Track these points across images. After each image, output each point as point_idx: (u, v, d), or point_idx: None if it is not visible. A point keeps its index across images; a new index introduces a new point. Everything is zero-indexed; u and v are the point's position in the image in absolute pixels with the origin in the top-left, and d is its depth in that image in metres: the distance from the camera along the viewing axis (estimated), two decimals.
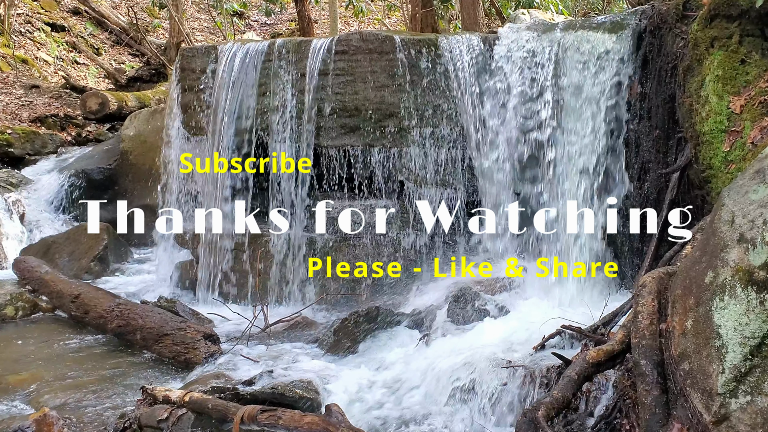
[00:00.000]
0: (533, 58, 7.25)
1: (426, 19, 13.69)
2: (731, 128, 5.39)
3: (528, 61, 7.28)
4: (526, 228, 7.33)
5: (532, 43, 7.33)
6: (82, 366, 6.61)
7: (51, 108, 15.08)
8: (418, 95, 7.76)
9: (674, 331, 3.76)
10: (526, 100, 7.25)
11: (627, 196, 6.80)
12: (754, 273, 3.27)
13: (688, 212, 5.92)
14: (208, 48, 8.76)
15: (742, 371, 3.29)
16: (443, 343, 5.99)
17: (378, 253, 7.92)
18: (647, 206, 6.66)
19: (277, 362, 6.18)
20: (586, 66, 6.88)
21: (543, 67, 7.16)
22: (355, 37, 8.06)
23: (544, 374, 4.83)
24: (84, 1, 19.59)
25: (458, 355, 5.49)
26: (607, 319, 5.14)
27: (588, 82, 6.85)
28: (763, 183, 3.47)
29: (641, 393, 3.76)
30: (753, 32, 5.61)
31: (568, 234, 6.80)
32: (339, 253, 8.01)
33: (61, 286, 8.08)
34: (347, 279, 7.96)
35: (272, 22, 22.80)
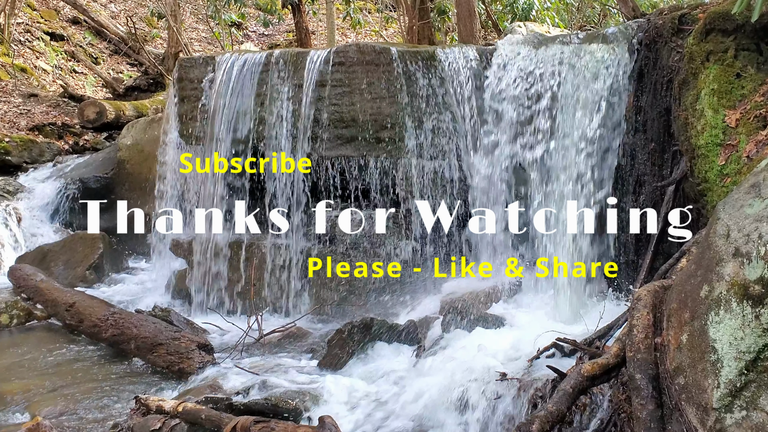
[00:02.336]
0: (529, 71, 7.26)
1: (423, 31, 13.73)
2: (726, 142, 5.40)
3: (524, 74, 7.29)
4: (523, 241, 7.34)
5: (528, 56, 7.34)
6: (76, 375, 6.60)
7: (49, 116, 15.07)
8: (414, 107, 7.77)
9: (669, 345, 3.75)
10: (522, 113, 7.25)
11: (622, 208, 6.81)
12: (749, 287, 3.26)
13: (687, 212, 5.92)
14: (206, 58, 8.78)
15: (738, 386, 3.28)
16: (437, 356, 5.97)
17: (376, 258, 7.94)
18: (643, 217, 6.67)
19: (271, 373, 6.17)
20: (582, 79, 6.89)
21: (539, 80, 7.17)
22: (352, 48, 8.08)
23: (538, 387, 4.81)
24: (83, 11, 19.60)
25: (452, 368, 5.47)
26: (602, 332, 5.12)
27: (584, 95, 6.85)
28: (758, 197, 3.47)
29: (636, 407, 3.75)
30: (748, 46, 5.63)
31: (567, 234, 6.82)
32: (335, 263, 8.02)
33: (56, 294, 8.07)
34: (342, 289, 7.95)
35: (270, 32, 22.82)
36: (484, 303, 6.83)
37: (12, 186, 11.88)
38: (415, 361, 6.10)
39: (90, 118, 14.87)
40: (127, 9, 22.20)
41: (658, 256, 6.19)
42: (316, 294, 8.08)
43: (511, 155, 7.30)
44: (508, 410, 4.88)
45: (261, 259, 8.28)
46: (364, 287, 7.90)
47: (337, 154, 8.06)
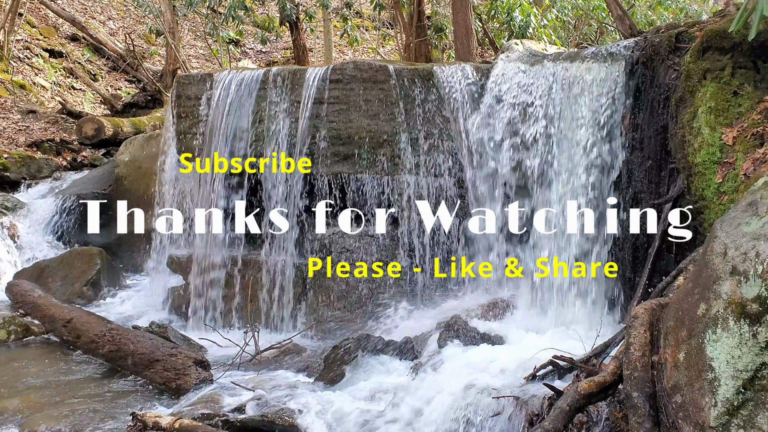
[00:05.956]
0: (526, 88, 7.29)
1: (420, 48, 13.79)
2: (724, 160, 5.41)
3: (521, 92, 7.31)
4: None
5: (525, 74, 7.37)
6: (73, 390, 6.58)
7: (47, 133, 15.08)
8: (411, 124, 7.78)
9: (666, 363, 3.75)
10: (518, 130, 7.28)
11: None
12: (746, 305, 3.26)
13: (688, 212, 5.92)
14: (204, 75, 8.81)
15: (735, 405, 3.27)
16: (433, 373, 5.96)
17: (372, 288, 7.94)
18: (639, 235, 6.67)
19: (267, 389, 6.16)
20: (578, 96, 6.92)
21: (536, 97, 7.19)
22: (349, 66, 8.10)
23: (535, 405, 4.80)
24: (82, 28, 19.66)
25: (448, 385, 5.46)
26: (599, 350, 5.12)
27: (580, 112, 6.88)
28: (755, 215, 3.47)
29: (633, 425, 3.74)
30: (745, 64, 5.65)
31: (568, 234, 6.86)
32: (333, 283, 8.03)
33: (54, 310, 8.06)
34: (338, 305, 7.95)
35: (268, 50, 22.88)
36: (480, 319, 6.82)
37: (10, 202, 11.89)
38: (412, 377, 6.09)
39: (88, 134, 14.89)
40: (126, 26, 22.26)
41: (656, 274, 6.20)
42: (313, 310, 8.08)
43: (509, 171, 7.33)
44: (504, 428, 4.87)
45: (257, 275, 8.27)
46: (361, 303, 7.90)
47: (334, 171, 8.07)
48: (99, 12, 22.30)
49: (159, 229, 9.19)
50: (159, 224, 9.18)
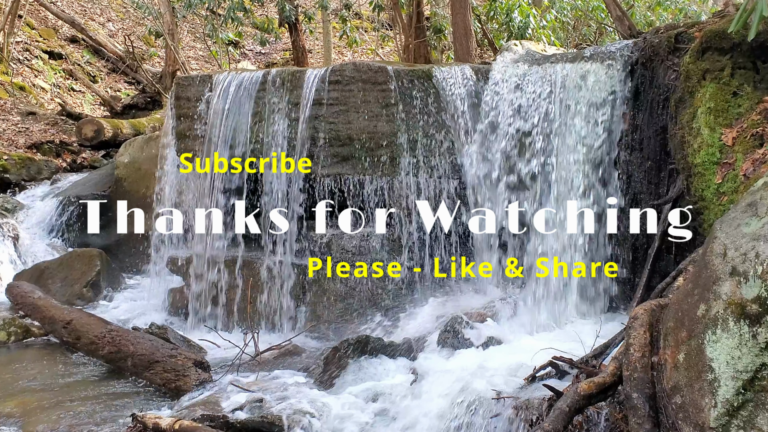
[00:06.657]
0: (525, 89, 7.29)
1: (419, 49, 13.79)
2: (723, 160, 5.41)
3: (520, 93, 7.31)
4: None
5: (524, 75, 7.37)
6: (73, 392, 6.58)
7: (47, 134, 15.09)
8: (410, 125, 7.78)
9: (666, 364, 3.75)
10: (517, 131, 7.27)
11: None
12: (746, 306, 3.26)
13: (687, 213, 5.92)
14: (204, 77, 8.80)
15: (735, 405, 3.27)
16: (433, 375, 5.95)
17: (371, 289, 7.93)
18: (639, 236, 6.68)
19: (267, 391, 6.15)
20: (577, 97, 6.91)
21: (535, 98, 7.19)
22: (348, 67, 8.10)
23: (534, 406, 4.79)
24: (81, 30, 19.66)
25: (448, 387, 5.45)
26: (599, 351, 5.11)
27: (580, 113, 6.87)
28: (755, 216, 3.47)
29: (633, 426, 3.74)
30: (745, 65, 5.65)
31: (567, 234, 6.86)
32: (333, 284, 8.02)
33: (54, 311, 8.05)
34: (338, 306, 7.95)
35: (267, 51, 22.90)
36: (480, 320, 6.82)
37: (10, 203, 11.89)
38: (411, 379, 6.08)
39: (88, 136, 14.90)
40: (125, 28, 22.27)
41: (655, 275, 6.20)
42: (313, 311, 8.07)
43: (507, 174, 7.32)
44: (504, 429, 4.86)
45: (257, 276, 8.27)
46: (361, 304, 7.89)
47: (333, 173, 8.07)
48: (98, 14, 22.32)
49: (159, 229, 9.18)
50: (159, 225, 9.17)
